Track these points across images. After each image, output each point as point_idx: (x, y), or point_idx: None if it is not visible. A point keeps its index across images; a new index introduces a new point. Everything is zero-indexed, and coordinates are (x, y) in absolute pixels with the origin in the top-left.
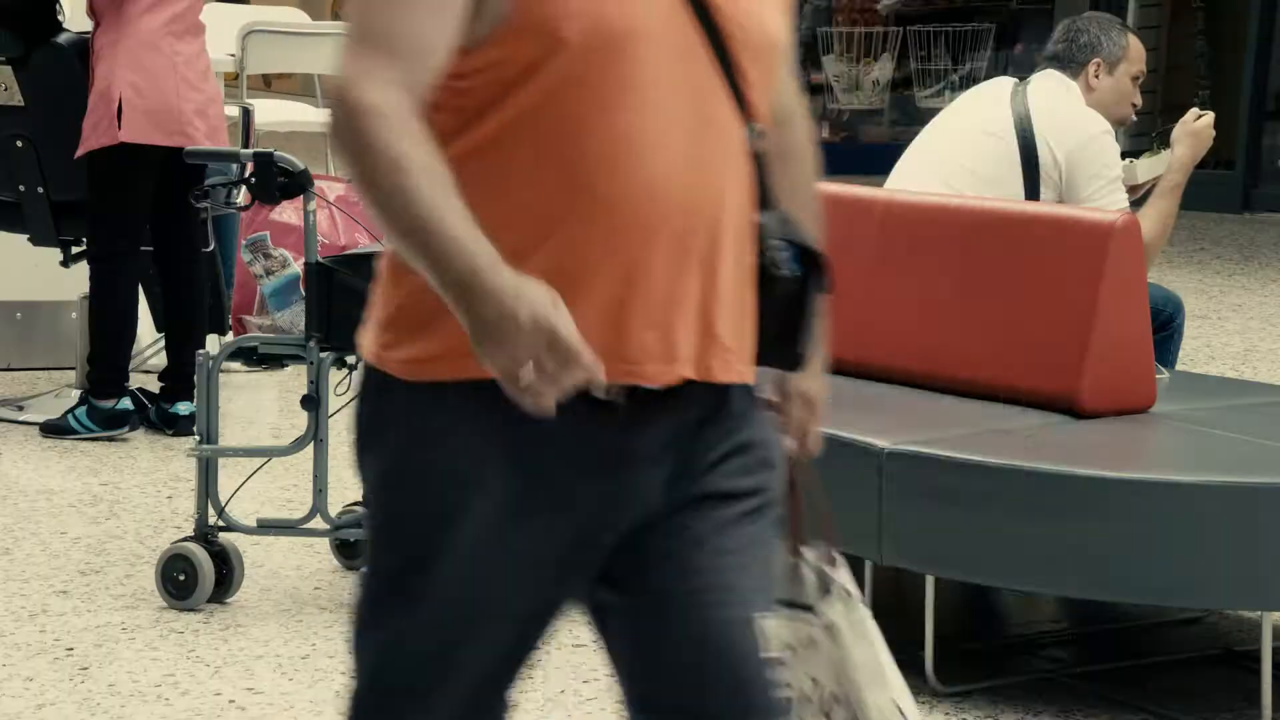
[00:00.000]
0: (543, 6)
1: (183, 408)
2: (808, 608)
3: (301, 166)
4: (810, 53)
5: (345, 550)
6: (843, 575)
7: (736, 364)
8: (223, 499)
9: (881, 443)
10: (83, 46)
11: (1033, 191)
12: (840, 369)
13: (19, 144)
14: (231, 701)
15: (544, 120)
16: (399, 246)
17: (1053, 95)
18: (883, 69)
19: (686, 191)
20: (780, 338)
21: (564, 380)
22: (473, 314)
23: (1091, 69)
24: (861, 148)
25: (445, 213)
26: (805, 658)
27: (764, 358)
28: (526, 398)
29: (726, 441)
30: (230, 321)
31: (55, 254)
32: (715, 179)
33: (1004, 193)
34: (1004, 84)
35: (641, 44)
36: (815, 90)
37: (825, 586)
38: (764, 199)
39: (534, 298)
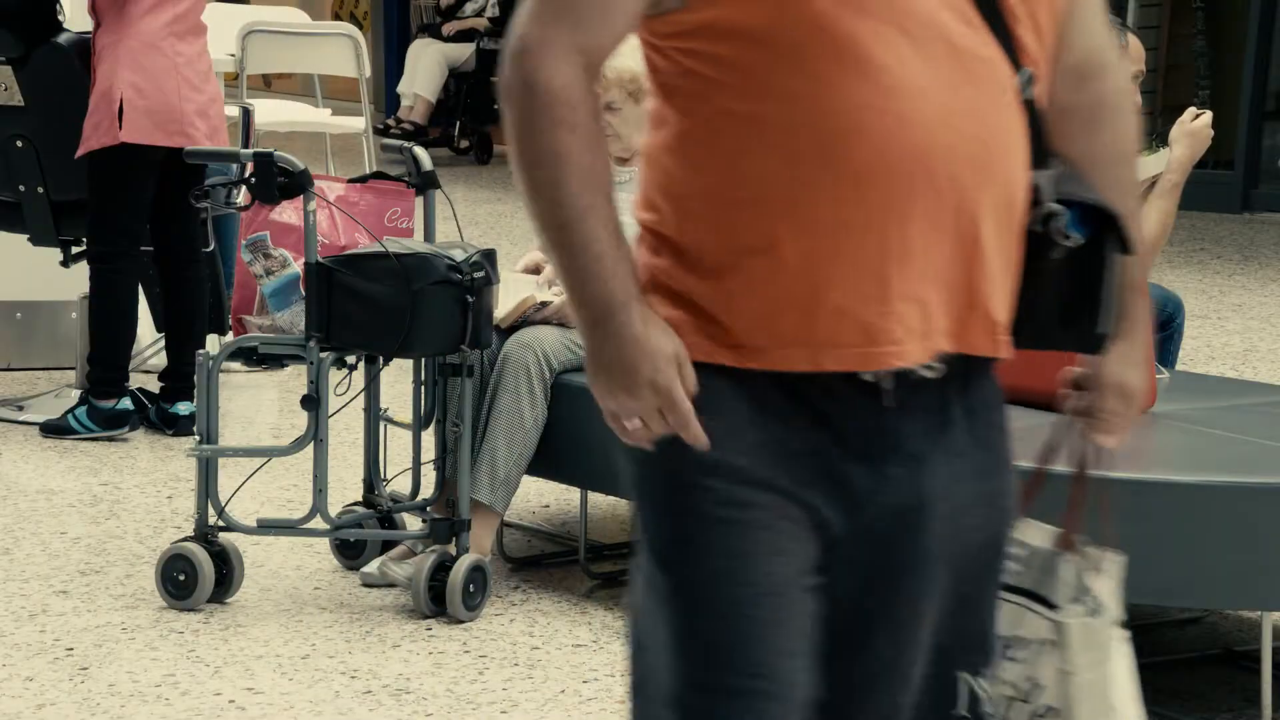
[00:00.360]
0: None
1: (183, 408)
2: (1050, 604)
3: (301, 166)
4: None
5: (345, 550)
6: (1104, 586)
7: (1002, 338)
8: (223, 499)
9: None
10: (83, 46)
11: None
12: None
13: (19, 144)
14: (231, 701)
15: (781, 82)
16: (541, 237)
17: None
18: None
19: (947, 150)
20: (1069, 315)
21: (662, 432)
22: (596, 347)
23: None
24: None
25: (594, 225)
26: (1032, 655)
27: (1050, 339)
28: (622, 433)
29: (983, 483)
30: (230, 321)
31: (55, 254)
32: (979, 133)
33: None
34: None
35: None
36: None
37: (1080, 590)
38: (1039, 155)
39: (661, 357)
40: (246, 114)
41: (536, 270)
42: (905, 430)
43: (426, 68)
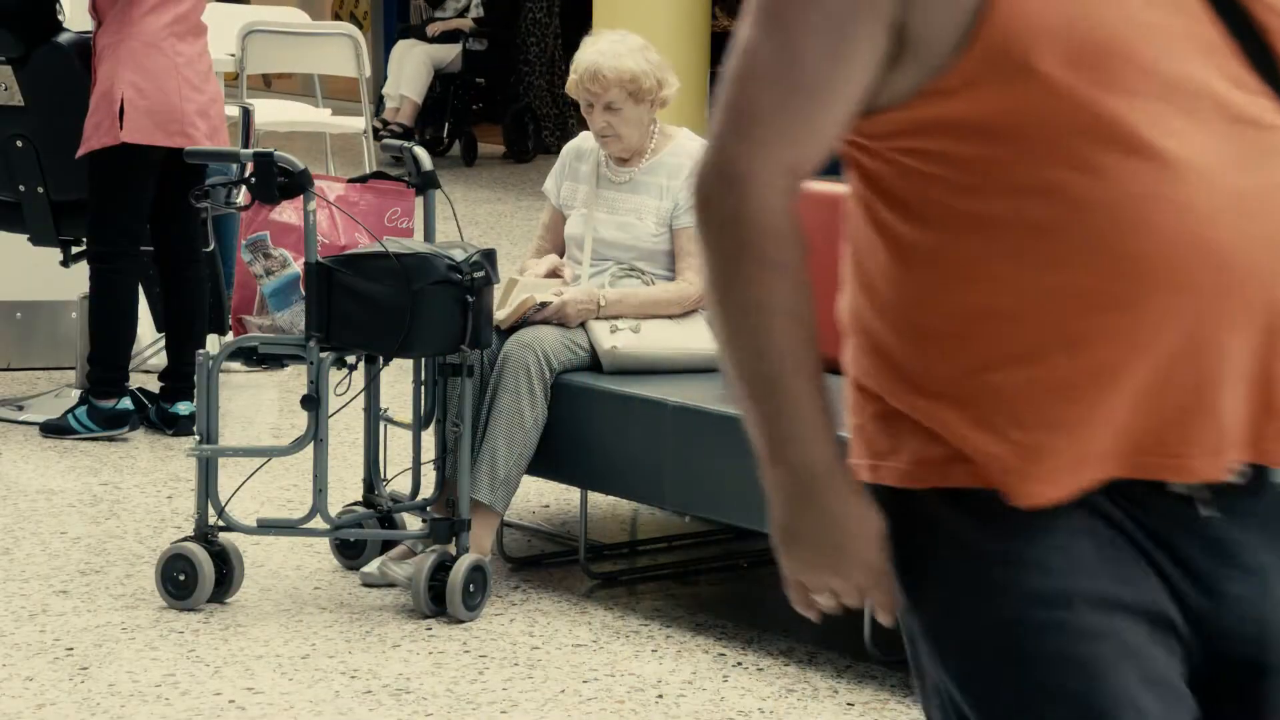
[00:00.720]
0: (1004, 29)
1: (183, 408)
2: None
3: (301, 166)
4: None
5: (345, 550)
6: None
7: None
8: (223, 499)
9: None
10: (83, 46)
11: None
12: (840, 369)
13: (19, 144)
14: (231, 701)
15: (1032, 177)
16: (735, 385)
17: None
18: None
19: (1239, 237)
20: None
21: (854, 607)
22: (794, 517)
23: None
24: None
25: (802, 382)
26: None
27: None
28: (800, 602)
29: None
30: (230, 321)
31: (55, 254)
32: (1276, 213)
33: None
34: None
35: (1143, 55)
36: None
37: None
38: None
39: (872, 534)
40: (246, 114)
41: (554, 275)
42: (1237, 541)
43: (413, 69)
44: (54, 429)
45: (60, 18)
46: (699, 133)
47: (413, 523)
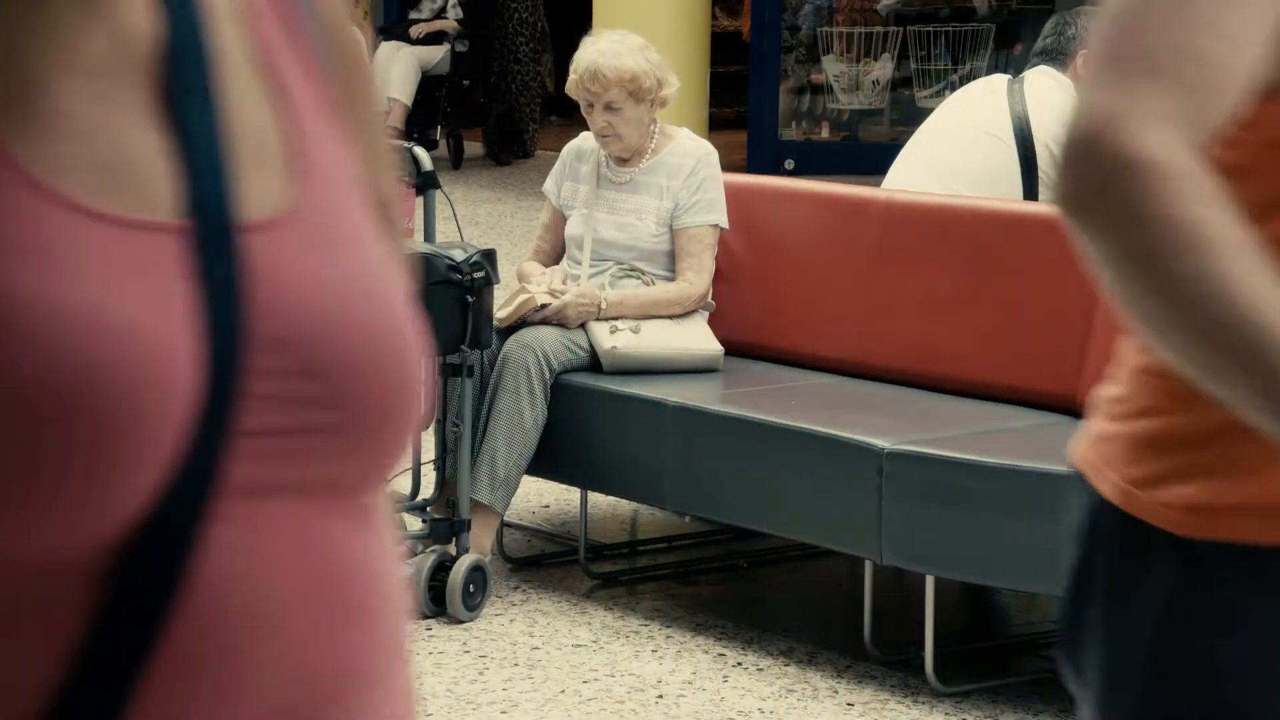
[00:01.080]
0: None
1: None
2: None
3: None
4: (810, 52)
5: None
6: None
7: None
8: None
9: (881, 443)
10: None
11: (1031, 192)
12: (840, 369)
13: None
14: None
15: None
16: (1183, 350)
17: (1050, 93)
18: (882, 69)
19: None
20: None
21: None
22: None
23: (1079, 60)
24: (861, 148)
25: (1272, 311)
26: None
27: None
28: None
29: None
30: None
31: None
32: None
33: (1002, 193)
34: (998, 82)
35: None
36: (815, 90)
37: None
38: None
39: None
40: None
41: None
42: None
43: (401, 71)
44: None
45: None
46: (699, 133)
47: (413, 523)
